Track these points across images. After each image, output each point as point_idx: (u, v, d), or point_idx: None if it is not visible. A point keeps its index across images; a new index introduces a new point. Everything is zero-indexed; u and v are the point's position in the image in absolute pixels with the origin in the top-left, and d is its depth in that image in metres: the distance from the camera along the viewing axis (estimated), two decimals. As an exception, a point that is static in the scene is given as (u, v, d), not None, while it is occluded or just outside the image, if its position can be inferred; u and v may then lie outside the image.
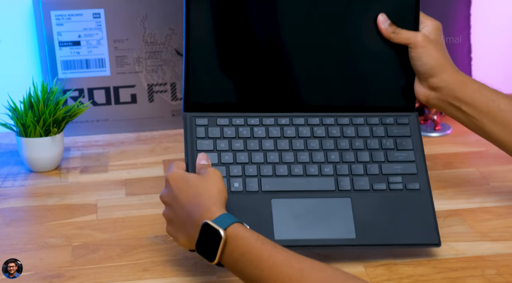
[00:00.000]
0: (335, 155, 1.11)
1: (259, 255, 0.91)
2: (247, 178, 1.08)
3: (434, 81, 1.13)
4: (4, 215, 1.22)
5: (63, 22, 1.47)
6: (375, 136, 1.13)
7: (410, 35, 1.13)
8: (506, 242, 1.10)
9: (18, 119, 1.34)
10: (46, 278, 1.04)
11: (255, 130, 1.12)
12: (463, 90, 1.12)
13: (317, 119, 1.14)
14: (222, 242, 0.92)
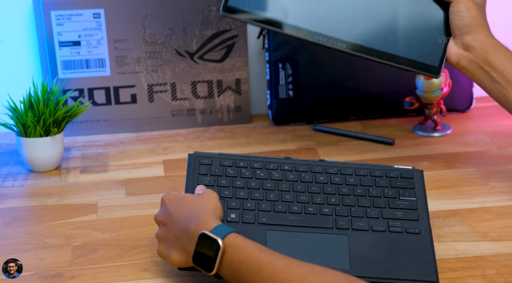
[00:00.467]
0: (336, 198, 1.09)
1: (259, 262, 0.90)
2: (244, 211, 1.07)
3: (469, 39, 1.14)
4: (4, 215, 1.22)
5: (63, 22, 1.47)
6: (377, 186, 1.11)
7: None
8: (506, 242, 1.10)
9: (18, 119, 1.34)
10: (46, 278, 1.04)
11: (257, 172, 1.11)
12: (495, 55, 1.13)
13: (320, 167, 1.12)
14: (220, 252, 0.92)
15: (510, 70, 1.12)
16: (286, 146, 1.45)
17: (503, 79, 1.12)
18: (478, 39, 1.13)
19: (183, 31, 1.50)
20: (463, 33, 1.14)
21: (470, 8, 1.13)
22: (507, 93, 1.13)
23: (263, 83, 1.61)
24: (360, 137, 1.47)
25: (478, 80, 1.15)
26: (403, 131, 1.50)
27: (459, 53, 1.15)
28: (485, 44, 1.13)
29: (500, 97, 1.14)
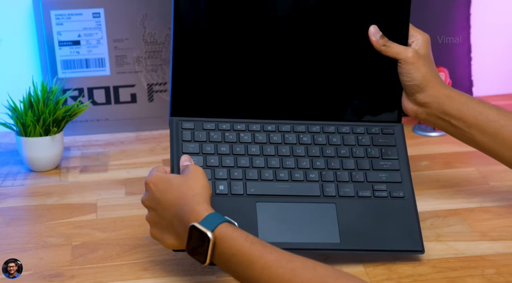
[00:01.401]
0: (321, 162, 1.10)
1: (249, 255, 0.90)
2: (232, 181, 1.07)
3: (421, 96, 1.12)
4: (3, 215, 1.22)
5: (63, 22, 1.47)
6: (360, 144, 1.13)
7: (400, 50, 1.12)
8: (506, 242, 1.10)
9: (18, 118, 1.34)
10: (46, 278, 1.04)
11: (241, 136, 1.12)
12: (450, 105, 1.12)
13: (303, 126, 1.14)
14: (211, 245, 0.92)
15: (469, 115, 1.11)
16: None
17: (464, 125, 1.12)
18: (430, 94, 1.12)
19: (183, 30, 1.49)
20: (415, 92, 1.13)
21: (418, 67, 1.12)
22: (472, 136, 1.12)
23: (263, 82, 1.60)
24: (359, 137, 1.47)
25: (442, 128, 1.14)
26: (402, 131, 1.50)
27: (415, 109, 1.14)
28: (438, 98, 1.12)
29: (467, 141, 1.14)
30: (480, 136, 1.11)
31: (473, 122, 1.11)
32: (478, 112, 1.11)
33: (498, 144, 1.11)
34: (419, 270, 1.03)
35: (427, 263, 1.05)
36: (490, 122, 1.11)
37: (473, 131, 1.12)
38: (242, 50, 1.14)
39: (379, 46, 1.13)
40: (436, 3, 1.52)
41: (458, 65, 1.56)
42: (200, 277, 1.03)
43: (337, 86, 1.15)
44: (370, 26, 1.13)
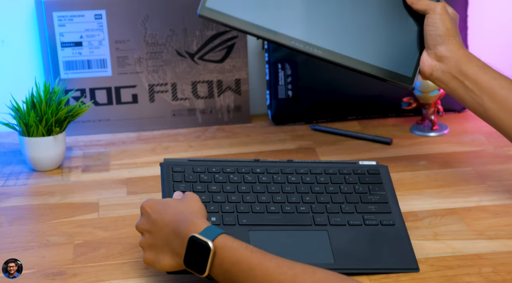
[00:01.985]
0: (310, 197, 1.11)
1: (250, 263, 0.90)
2: (224, 213, 1.07)
3: (442, 49, 1.14)
4: (6, 214, 1.22)
5: (65, 23, 1.47)
6: (348, 182, 1.14)
7: (431, 2, 1.16)
8: (503, 241, 1.10)
9: (20, 118, 1.34)
10: (48, 276, 1.05)
11: (231, 176, 1.12)
12: (468, 64, 1.13)
13: (290, 168, 1.15)
14: (211, 254, 0.91)
15: (483, 78, 1.12)
16: (285, 145, 1.45)
17: (477, 88, 1.13)
18: (451, 49, 1.14)
19: (184, 32, 1.50)
20: (437, 44, 1.15)
21: (444, 19, 1.14)
22: (482, 101, 1.13)
23: (263, 83, 1.61)
24: (358, 137, 1.47)
25: (452, 90, 1.15)
26: (401, 131, 1.50)
27: (433, 64, 1.16)
28: (457, 54, 1.14)
29: (475, 106, 1.14)
30: (489, 102, 1.12)
31: (487, 86, 1.12)
32: (493, 77, 1.12)
33: (506, 113, 1.12)
34: (417, 269, 1.04)
35: (425, 262, 1.05)
36: (502, 89, 1.11)
37: (484, 96, 1.12)
38: None
39: (411, 1, 1.17)
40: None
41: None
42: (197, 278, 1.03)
43: (366, 33, 1.19)
44: None
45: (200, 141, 1.48)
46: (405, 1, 1.18)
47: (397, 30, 1.19)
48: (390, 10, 1.19)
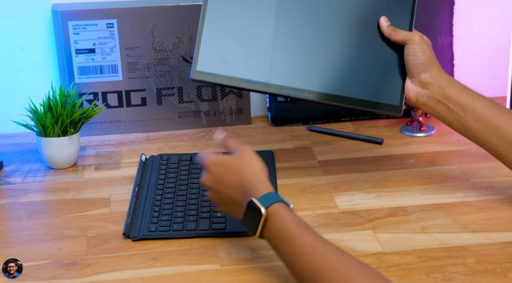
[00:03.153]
0: None
1: (291, 234, 0.93)
2: None
3: (426, 76, 1.14)
4: (25, 208, 1.22)
5: (80, 32, 1.47)
6: None
7: (408, 33, 1.16)
8: (485, 233, 1.10)
9: (38, 120, 1.34)
10: (63, 266, 1.05)
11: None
12: (451, 88, 1.13)
13: None
14: (262, 219, 0.95)
15: (466, 100, 1.12)
16: (283, 145, 1.45)
17: (461, 110, 1.12)
18: (434, 76, 1.13)
19: (189, 39, 1.50)
20: (420, 72, 1.14)
21: (423, 48, 1.14)
22: (466, 122, 1.12)
23: (263, 87, 1.60)
24: (351, 137, 1.47)
25: (438, 113, 1.15)
26: (391, 132, 1.50)
27: (418, 91, 1.15)
28: (440, 80, 1.13)
29: (460, 127, 1.14)
30: (473, 123, 1.12)
31: (470, 107, 1.12)
32: (475, 99, 1.12)
33: (489, 132, 1.11)
34: (406, 259, 1.04)
35: (414, 253, 1.05)
36: (485, 109, 1.11)
37: (468, 116, 1.12)
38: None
39: (389, 32, 1.16)
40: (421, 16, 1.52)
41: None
42: (205, 266, 1.04)
43: (348, 71, 1.18)
44: (380, 17, 1.17)
45: (204, 141, 1.48)
46: (383, 34, 1.17)
47: (378, 62, 1.18)
48: (370, 45, 1.18)
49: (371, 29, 1.18)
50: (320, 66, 1.18)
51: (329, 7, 1.18)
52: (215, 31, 1.16)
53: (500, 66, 1.59)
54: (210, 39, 1.16)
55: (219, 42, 1.16)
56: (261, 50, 1.17)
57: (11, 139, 1.50)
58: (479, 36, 1.63)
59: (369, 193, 1.24)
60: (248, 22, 1.17)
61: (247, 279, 1.00)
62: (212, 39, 1.16)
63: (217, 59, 1.16)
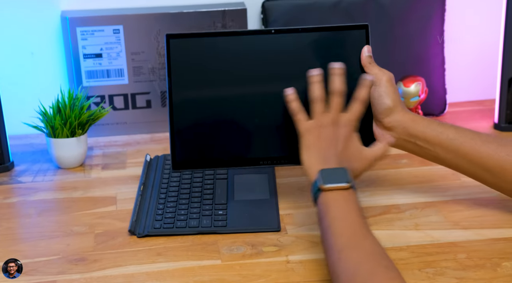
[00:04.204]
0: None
1: (354, 206, 0.96)
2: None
3: (389, 120, 1.11)
4: (35, 206, 1.22)
5: (87, 37, 1.47)
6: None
7: (379, 72, 1.11)
8: (475, 230, 1.10)
9: (47, 122, 1.34)
10: (72, 261, 1.04)
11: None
12: (415, 127, 1.11)
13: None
14: (344, 185, 0.98)
15: (431, 135, 1.10)
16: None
17: (428, 144, 1.10)
18: (396, 119, 1.11)
19: (192, 45, 1.49)
20: (384, 117, 1.11)
21: (389, 92, 1.10)
22: (437, 154, 1.11)
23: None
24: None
25: (409, 150, 1.13)
26: (385, 133, 1.49)
27: (383, 133, 1.13)
28: (403, 121, 1.11)
29: (432, 159, 1.13)
30: (443, 153, 1.10)
31: (436, 141, 1.10)
32: (439, 132, 1.10)
33: (460, 159, 1.10)
34: (399, 255, 1.03)
35: (407, 249, 1.05)
36: (451, 140, 1.10)
37: (437, 149, 1.10)
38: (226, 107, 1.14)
39: (365, 62, 1.12)
40: (414, 21, 1.52)
41: (434, 75, 1.56)
42: (207, 262, 1.03)
43: None
44: (365, 46, 1.12)
45: (206, 142, 1.48)
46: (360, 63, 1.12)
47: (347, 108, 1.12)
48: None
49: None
50: (292, 133, 1.12)
51: (290, 80, 1.13)
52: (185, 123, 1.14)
53: (490, 70, 1.58)
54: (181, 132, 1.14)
55: (190, 131, 1.14)
56: (230, 130, 1.14)
57: (22, 140, 1.49)
58: (469, 41, 1.63)
59: (364, 191, 1.23)
60: (213, 109, 1.14)
61: (247, 274, 1.00)
62: (182, 132, 1.14)
63: (192, 147, 1.14)
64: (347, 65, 1.10)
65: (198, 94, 1.13)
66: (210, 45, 1.13)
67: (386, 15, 1.50)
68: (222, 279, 0.99)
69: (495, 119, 1.49)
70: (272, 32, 1.13)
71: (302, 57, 1.13)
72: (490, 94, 1.59)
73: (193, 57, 1.13)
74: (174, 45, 1.12)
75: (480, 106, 1.62)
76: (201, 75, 1.13)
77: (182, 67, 1.13)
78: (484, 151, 1.08)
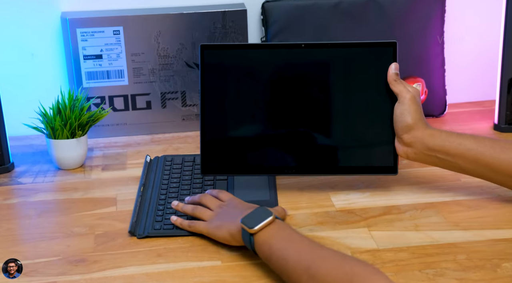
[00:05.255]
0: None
1: (293, 233, 0.98)
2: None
3: (408, 137, 1.14)
4: (36, 207, 1.22)
5: (87, 38, 1.47)
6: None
7: (403, 89, 1.14)
8: (475, 231, 1.10)
9: (47, 123, 1.34)
10: (72, 262, 1.04)
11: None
12: (433, 141, 1.13)
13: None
14: (270, 219, 0.99)
15: (450, 148, 1.13)
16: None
17: (449, 156, 1.13)
18: (415, 135, 1.14)
19: (192, 46, 1.49)
20: (403, 133, 1.15)
21: (411, 110, 1.14)
22: (458, 165, 1.14)
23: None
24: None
25: (431, 163, 1.16)
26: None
27: (405, 150, 1.16)
28: (422, 137, 1.14)
29: (455, 169, 1.15)
30: (465, 164, 1.13)
31: (456, 153, 1.13)
32: (458, 143, 1.13)
33: (482, 168, 1.12)
34: (400, 256, 1.03)
35: (407, 250, 1.05)
36: (470, 150, 1.12)
37: (458, 160, 1.13)
38: (255, 118, 1.19)
39: (391, 79, 1.15)
40: (414, 22, 1.52)
41: (434, 76, 1.56)
42: (207, 263, 1.03)
43: (343, 142, 1.19)
44: (392, 63, 1.16)
45: (206, 143, 1.48)
46: (386, 80, 1.16)
47: (372, 126, 1.18)
48: (360, 111, 1.18)
49: (363, 97, 1.17)
50: (317, 144, 1.19)
51: (317, 94, 1.18)
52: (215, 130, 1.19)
53: (490, 71, 1.58)
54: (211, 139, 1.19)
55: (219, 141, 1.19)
56: (257, 140, 1.19)
57: (22, 141, 1.49)
58: (469, 41, 1.62)
59: (364, 192, 1.23)
60: (242, 119, 1.19)
61: (247, 275, 1.00)
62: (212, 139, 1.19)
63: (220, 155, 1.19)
64: (373, 80, 1.16)
65: (229, 104, 1.18)
66: (241, 57, 1.18)
67: (386, 16, 1.50)
68: (223, 280, 0.99)
69: (495, 120, 1.49)
70: (302, 46, 1.17)
71: (330, 71, 1.17)
72: (490, 95, 1.59)
73: (225, 68, 1.18)
74: (208, 55, 1.17)
75: (480, 107, 1.62)
76: (232, 84, 1.18)
77: (215, 78, 1.17)
78: (504, 158, 1.10)
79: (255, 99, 1.18)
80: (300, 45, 1.17)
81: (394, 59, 1.17)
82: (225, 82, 1.18)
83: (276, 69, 1.18)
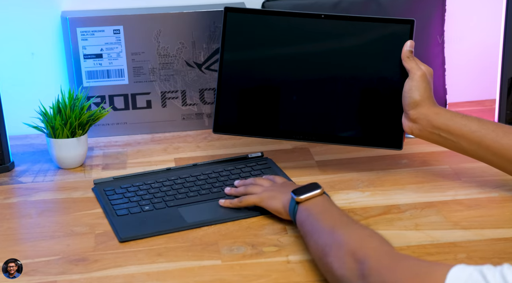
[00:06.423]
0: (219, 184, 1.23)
1: (333, 206, 1.02)
2: (156, 204, 1.17)
3: (414, 113, 1.17)
4: (36, 206, 1.22)
5: (88, 37, 1.47)
6: (244, 171, 1.26)
7: (415, 66, 1.17)
8: (475, 230, 1.10)
9: (48, 122, 1.34)
10: (72, 262, 1.04)
11: (152, 185, 1.23)
12: (438, 119, 1.15)
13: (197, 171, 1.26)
14: (319, 191, 1.04)
15: (454, 127, 1.15)
16: (282, 146, 1.44)
17: (452, 136, 1.15)
18: (421, 112, 1.17)
19: (192, 45, 1.49)
20: (410, 109, 1.17)
21: (419, 87, 1.16)
22: (460, 146, 1.15)
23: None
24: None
25: (433, 141, 1.18)
26: (385, 133, 1.49)
27: (410, 125, 1.19)
28: (427, 114, 1.16)
29: (456, 150, 1.17)
30: (466, 145, 1.14)
31: (459, 133, 1.14)
32: (462, 124, 1.14)
33: (483, 150, 1.13)
34: (399, 255, 1.03)
35: (407, 249, 1.05)
36: (473, 132, 1.14)
37: (461, 141, 1.15)
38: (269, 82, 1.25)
39: (404, 56, 1.19)
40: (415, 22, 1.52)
41: (434, 76, 1.55)
42: (207, 262, 1.03)
43: (350, 112, 1.23)
44: (408, 41, 1.20)
45: (207, 142, 1.48)
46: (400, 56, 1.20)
47: (381, 100, 1.22)
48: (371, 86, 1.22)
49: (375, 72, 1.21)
50: (327, 111, 1.22)
51: (331, 64, 1.23)
52: (231, 91, 1.24)
53: (490, 70, 1.58)
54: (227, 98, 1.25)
55: (235, 101, 1.25)
56: (274, 104, 1.24)
57: (22, 140, 1.49)
58: (469, 41, 1.62)
59: (364, 191, 1.23)
60: (257, 82, 1.24)
61: (247, 274, 1.00)
62: (228, 98, 1.25)
63: (234, 116, 1.25)
64: (387, 55, 1.19)
65: (246, 66, 1.24)
66: (262, 21, 1.23)
67: (386, 15, 1.49)
68: (223, 279, 0.99)
69: (495, 119, 1.49)
70: (322, 16, 1.22)
71: (346, 42, 1.22)
72: (490, 94, 1.59)
73: (246, 31, 1.23)
74: (230, 18, 1.23)
75: (480, 106, 1.62)
76: (250, 48, 1.24)
77: (235, 39, 1.23)
78: (506, 143, 1.11)
79: (271, 63, 1.23)
80: (320, 15, 1.21)
81: (411, 37, 1.20)
82: (244, 45, 1.23)
83: (295, 35, 1.22)
